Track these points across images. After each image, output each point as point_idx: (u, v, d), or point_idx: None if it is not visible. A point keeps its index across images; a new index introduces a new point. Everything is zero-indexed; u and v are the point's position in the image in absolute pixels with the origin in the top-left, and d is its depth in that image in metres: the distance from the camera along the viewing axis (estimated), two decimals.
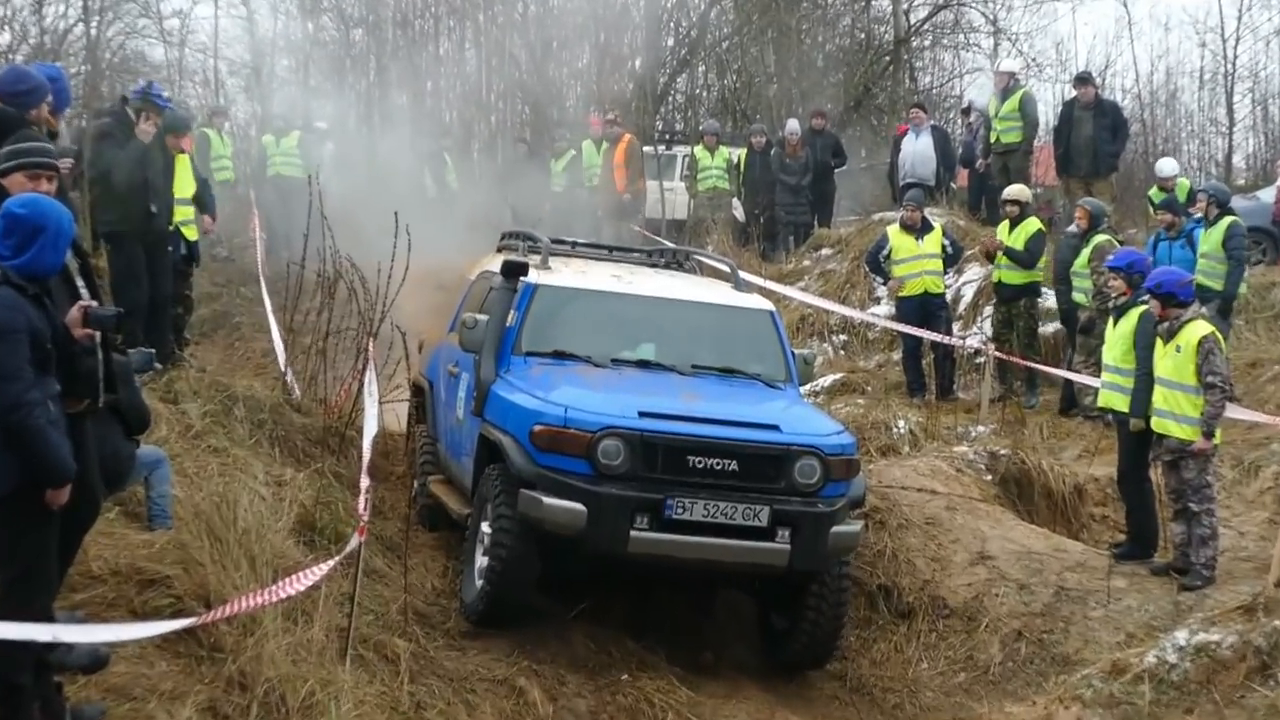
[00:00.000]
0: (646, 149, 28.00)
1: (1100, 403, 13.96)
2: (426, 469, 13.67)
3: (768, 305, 13.36)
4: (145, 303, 13.27)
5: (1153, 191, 21.85)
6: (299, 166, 25.80)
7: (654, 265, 14.32)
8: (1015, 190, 19.54)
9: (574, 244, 14.54)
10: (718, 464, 10.98)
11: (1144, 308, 12.87)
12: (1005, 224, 19.03)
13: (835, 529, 11.23)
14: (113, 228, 13.24)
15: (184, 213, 14.89)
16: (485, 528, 11.45)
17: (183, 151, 15.09)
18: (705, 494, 10.93)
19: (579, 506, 10.78)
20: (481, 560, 11.47)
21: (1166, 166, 22.96)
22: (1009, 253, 18.59)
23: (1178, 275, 12.79)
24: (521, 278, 12.45)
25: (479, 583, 11.40)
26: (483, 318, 12.22)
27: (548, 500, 10.82)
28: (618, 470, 10.87)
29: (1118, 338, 13.19)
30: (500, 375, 11.91)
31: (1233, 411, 13.86)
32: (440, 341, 14.22)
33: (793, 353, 12.94)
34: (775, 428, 11.30)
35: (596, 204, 27.04)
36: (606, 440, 10.87)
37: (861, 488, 11.95)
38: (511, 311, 12.33)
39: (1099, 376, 14.39)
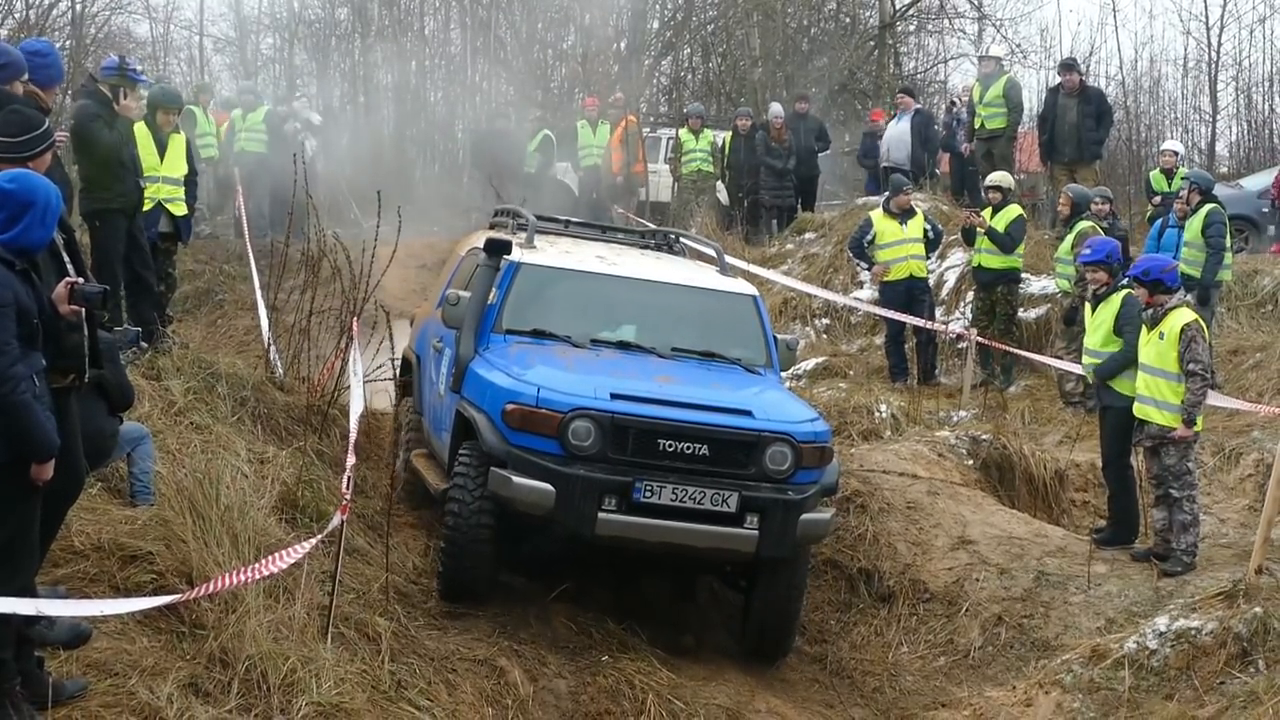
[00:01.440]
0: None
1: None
2: (410, 443, 13.68)
3: (751, 290, 13.32)
4: (125, 280, 13.24)
5: (1154, 174, 21.84)
6: (263, 143, 25.82)
7: (643, 247, 14.29)
8: (998, 176, 19.59)
9: (567, 223, 14.53)
10: (688, 448, 10.95)
11: (1125, 291, 12.89)
12: (988, 210, 19.05)
13: (805, 517, 11.19)
14: (106, 205, 13.19)
15: (173, 191, 14.85)
16: None
17: (177, 130, 15.04)
18: (675, 478, 10.90)
19: (547, 487, 10.78)
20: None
21: (1171, 145, 23.02)
22: (990, 233, 18.63)
23: (1163, 262, 12.79)
24: (504, 256, 12.43)
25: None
26: (466, 294, 12.22)
27: (517, 479, 10.82)
28: (587, 451, 10.86)
29: (1098, 323, 13.21)
30: (479, 353, 11.90)
31: (1214, 399, 13.91)
32: (428, 316, 14.20)
33: (775, 338, 12.89)
34: (748, 413, 11.25)
35: (594, 184, 27.20)
36: (577, 421, 10.86)
37: (834, 476, 11.86)
38: (493, 289, 12.32)
39: (1080, 363, 14.41)
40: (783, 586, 11.59)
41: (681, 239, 14.76)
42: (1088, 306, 13.62)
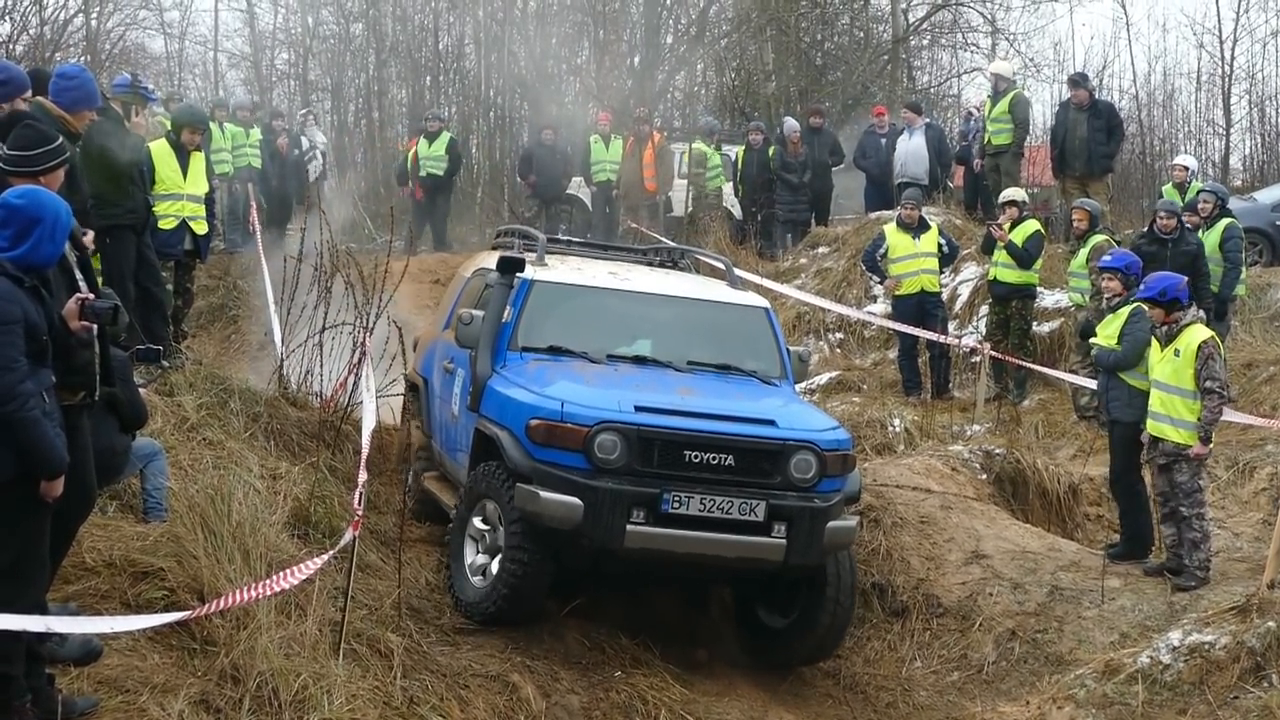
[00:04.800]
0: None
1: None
2: (421, 465, 13.70)
3: (763, 302, 13.39)
4: (135, 296, 13.27)
5: (1166, 189, 21.79)
6: (259, 158, 25.93)
7: (649, 264, 14.31)
8: (1012, 192, 19.56)
9: (569, 242, 14.56)
10: (714, 458, 10.98)
11: (1135, 306, 12.84)
12: (1006, 225, 19.00)
13: (831, 524, 11.24)
14: (115, 221, 13.23)
15: (196, 209, 14.93)
16: (478, 523, 11.49)
17: (197, 148, 15.11)
18: (701, 488, 10.93)
19: (575, 501, 10.77)
20: (479, 557, 11.52)
21: (1184, 160, 22.98)
22: (1009, 248, 18.58)
23: (1175, 280, 12.72)
24: (518, 273, 12.46)
25: (487, 583, 11.35)
26: (479, 313, 12.23)
27: (544, 494, 10.82)
28: (614, 464, 10.87)
29: (1106, 334, 13.15)
30: (496, 371, 11.92)
31: (1225, 414, 13.89)
32: (434, 338, 14.23)
33: (788, 349, 12.95)
34: (771, 423, 11.31)
35: (606, 199, 27.28)
36: (603, 434, 10.87)
37: (857, 483, 11.94)
38: (508, 307, 12.34)
39: (1095, 377, 14.38)
40: (845, 592, 11.75)
41: (688, 254, 14.79)
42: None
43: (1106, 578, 12.48)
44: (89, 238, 8.82)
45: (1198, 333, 12.26)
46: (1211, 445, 12.40)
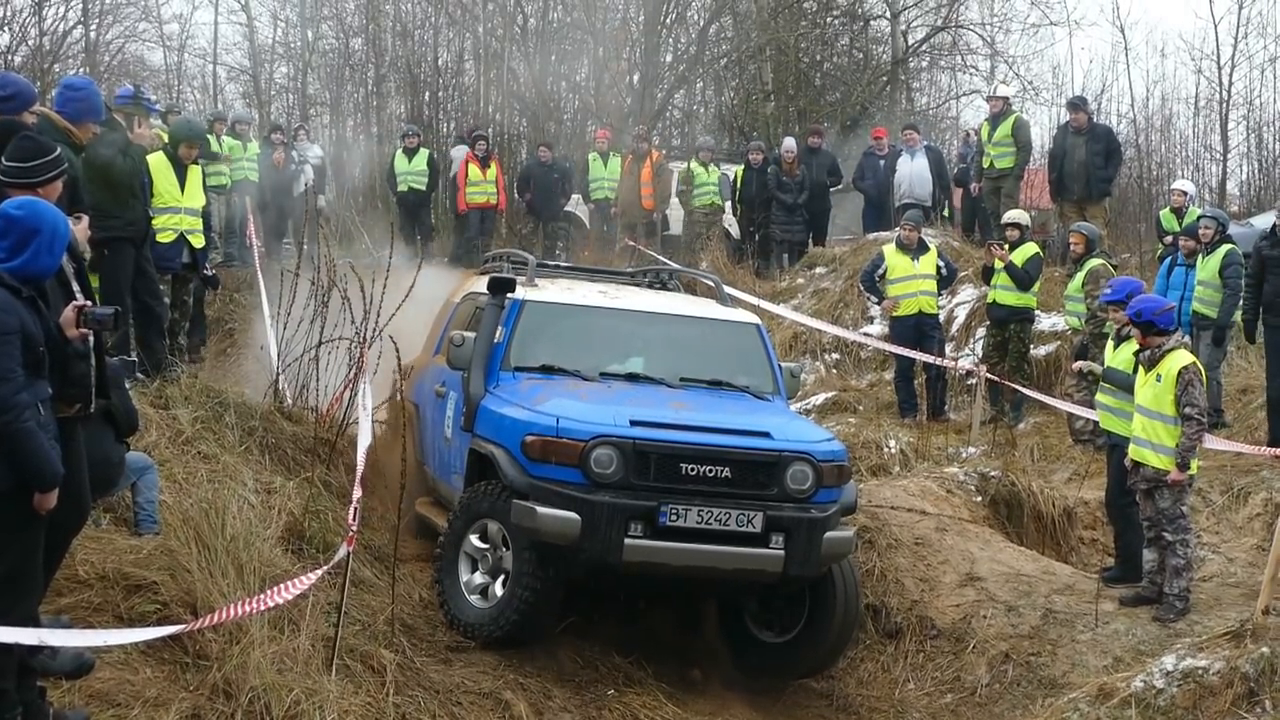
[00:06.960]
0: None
1: (1103, 424, 13.86)
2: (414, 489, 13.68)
3: (754, 318, 13.52)
4: (133, 310, 13.26)
5: (1164, 213, 21.79)
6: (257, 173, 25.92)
7: (637, 284, 14.35)
8: (1015, 214, 19.61)
9: (556, 266, 14.61)
10: (710, 471, 11.01)
11: None
12: (1006, 246, 19.02)
13: (829, 535, 11.26)
14: (114, 233, 13.22)
15: (194, 222, 14.94)
16: (476, 541, 11.50)
17: (196, 162, 15.13)
18: (699, 501, 10.95)
19: (573, 515, 10.78)
20: (477, 577, 11.53)
21: (1182, 184, 22.99)
22: (1009, 268, 18.60)
23: (1156, 303, 12.67)
24: (509, 294, 12.50)
25: (493, 605, 11.33)
26: (470, 335, 12.29)
27: (541, 510, 10.82)
28: (610, 479, 10.87)
29: (1119, 362, 13.13)
30: (489, 390, 11.95)
31: (1215, 443, 13.89)
32: (425, 364, 14.26)
33: (780, 365, 13.01)
34: (766, 435, 11.33)
35: (605, 217, 27.26)
36: (599, 449, 10.88)
37: (853, 494, 11.98)
38: (499, 327, 12.39)
39: (1090, 400, 14.36)
40: (851, 601, 11.81)
41: (677, 274, 14.83)
42: (1110, 345, 13.55)
43: (1100, 601, 12.47)
44: (84, 223, 8.76)
45: (1179, 358, 12.21)
46: (1192, 472, 12.36)
